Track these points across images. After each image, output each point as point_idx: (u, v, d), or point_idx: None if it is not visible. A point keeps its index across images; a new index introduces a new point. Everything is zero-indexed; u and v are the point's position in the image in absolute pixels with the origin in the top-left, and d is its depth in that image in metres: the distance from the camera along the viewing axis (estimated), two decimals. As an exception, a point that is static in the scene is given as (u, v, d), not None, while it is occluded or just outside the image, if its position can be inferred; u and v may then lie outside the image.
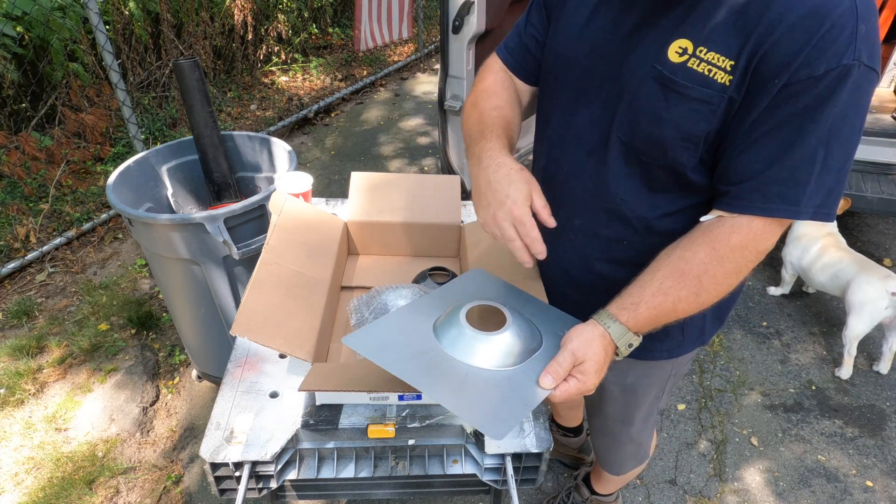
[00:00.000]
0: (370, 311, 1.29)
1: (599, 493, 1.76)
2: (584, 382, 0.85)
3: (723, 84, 0.80)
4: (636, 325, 0.87)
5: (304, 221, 1.38)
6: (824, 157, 0.78)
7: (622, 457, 1.47)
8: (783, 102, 0.77)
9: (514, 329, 0.95)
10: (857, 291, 2.26)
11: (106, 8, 3.84)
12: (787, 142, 0.78)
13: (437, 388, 0.87)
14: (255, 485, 1.04)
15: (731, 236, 0.83)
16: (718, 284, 0.85)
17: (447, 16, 2.44)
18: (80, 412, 2.20)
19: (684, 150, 0.87)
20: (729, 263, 0.84)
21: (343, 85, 5.10)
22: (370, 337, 0.97)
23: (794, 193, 0.80)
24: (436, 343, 0.95)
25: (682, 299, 0.86)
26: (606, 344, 0.87)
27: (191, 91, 1.90)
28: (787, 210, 0.80)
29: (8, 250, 2.95)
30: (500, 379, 0.90)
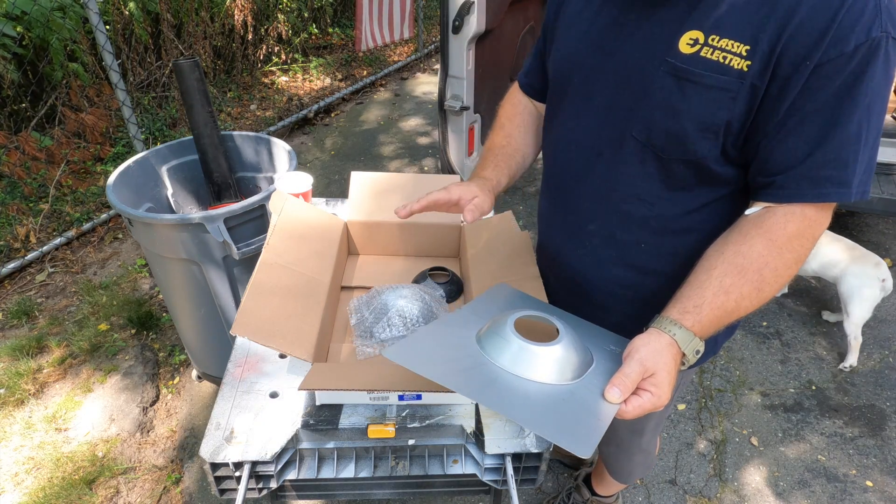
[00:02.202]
0: (370, 311, 1.29)
1: (600, 494, 1.77)
2: (658, 396, 0.79)
3: (740, 70, 0.78)
4: (702, 329, 0.83)
5: (304, 221, 1.38)
6: (866, 133, 0.77)
7: (632, 466, 1.46)
8: (819, 83, 0.75)
9: (568, 340, 0.89)
10: (853, 281, 2.33)
11: (106, 8, 3.84)
12: (829, 123, 0.76)
13: (504, 404, 0.80)
14: (255, 485, 1.04)
15: (788, 225, 0.81)
16: (780, 276, 0.82)
17: (447, 16, 2.44)
18: (80, 412, 2.20)
19: (705, 142, 0.84)
20: (788, 253, 0.81)
21: (343, 85, 5.10)
22: (414, 350, 0.90)
23: (844, 175, 0.78)
24: (483, 356, 0.88)
25: (745, 296, 0.83)
26: (675, 353, 0.81)
27: (191, 91, 1.90)
28: (839, 193, 0.78)
29: (8, 250, 2.95)
30: (564, 393, 0.84)
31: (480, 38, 2.54)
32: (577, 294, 1.11)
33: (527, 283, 1.25)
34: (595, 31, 0.94)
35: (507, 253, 1.36)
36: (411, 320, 1.27)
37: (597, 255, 1.05)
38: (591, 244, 1.04)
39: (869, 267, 2.34)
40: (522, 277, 1.27)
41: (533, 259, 1.31)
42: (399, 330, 1.26)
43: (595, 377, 0.86)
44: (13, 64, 3.38)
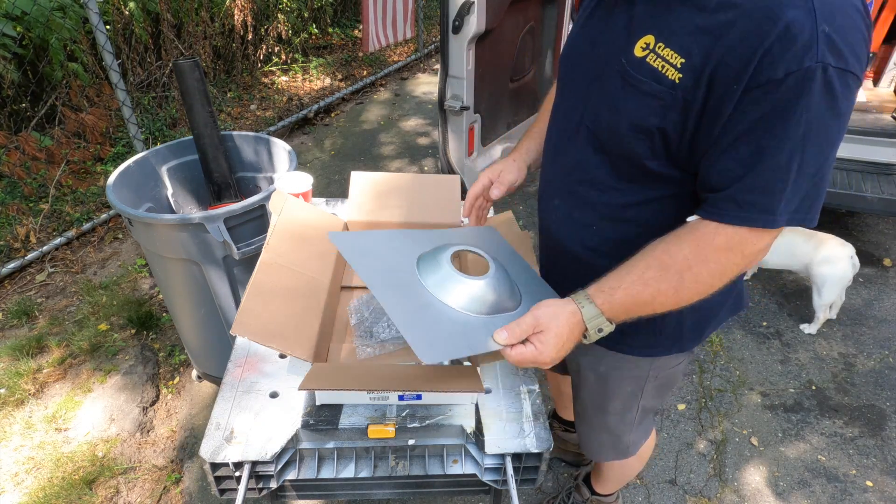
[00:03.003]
0: (370, 311, 1.29)
1: (599, 493, 1.76)
2: (540, 352, 0.87)
3: (672, 81, 0.81)
4: (611, 310, 0.88)
5: (305, 221, 1.38)
6: (800, 164, 0.77)
7: (598, 444, 1.45)
8: (748, 107, 0.76)
9: (492, 282, 0.98)
10: (824, 264, 2.40)
11: (106, 8, 3.84)
12: (758, 148, 0.77)
13: (393, 303, 0.90)
14: (255, 485, 1.04)
15: (716, 238, 0.83)
16: (700, 283, 0.86)
17: (447, 16, 2.44)
18: (80, 412, 2.20)
19: (638, 142, 0.88)
20: (713, 264, 0.84)
21: (343, 85, 5.10)
22: (356, 241, 1.02)
23: (769, 202, 0.79)
24: (414, 269, 0.99)
25: (662, 292, 0.86)
26: (575, 323, 0.88)
27: (191, 91, 1.90)
28: (763, 219, 0.80)
29: (8, 250, 2.95)
30: (459, 319, 0.93)
31: (480, 38, 2.54)
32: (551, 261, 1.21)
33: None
34: (591, 21, 0.99)
35: (507, 253, 1.36)
36: (411, 320, 1.27)
37: (560, 228, 1.12)
38: (557, 217, 1.11)
39: (836, 248, 2.40)
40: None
41: (533, 259, 1.31)
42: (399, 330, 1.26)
43: (503, 321, 0.93)
44: (13, 64, 3.38)
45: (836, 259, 2.39)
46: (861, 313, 2.71)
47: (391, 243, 1.06)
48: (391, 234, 1.10)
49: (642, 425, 1.41)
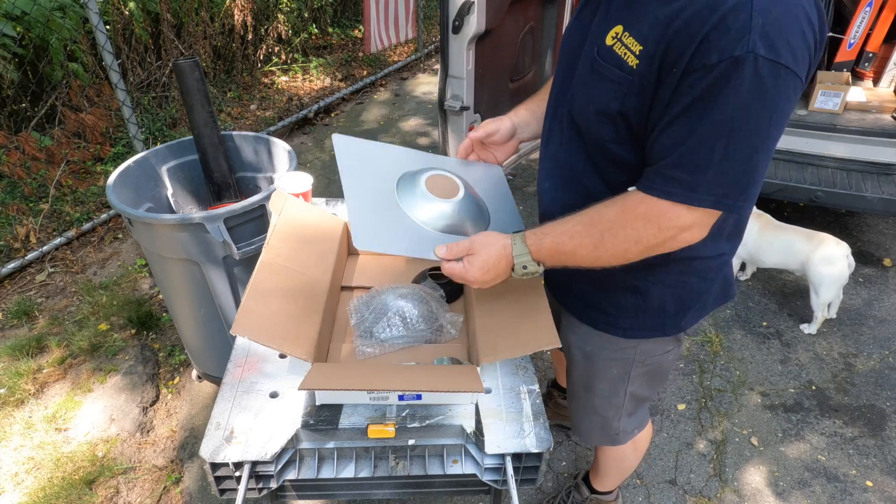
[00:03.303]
0: (370, 311, 1.29)
1: (598, 490, 1.77)
2: (466, 270, 1.01)
3: (631, 67, 0.87)
4: (538, 252, 1.00)
5: (305, 221, 1.38)
6: (725, 147, 0.81)
7: (587, 425, 1.46)
8: (684, 91, 0.81)
9: (455, 205, 1.10)
10: (821, 263, 2.40)
11: (106, 8, 3.84)
12: (689, 129, 0.82)
13: (354, 196, 1.04)
14: (255, 485, 1.04)
15: (639, 206, 0.90)
16: (617, 245, 0.93)
17: (447, 16, 2.43)
18: (80, 412, 2.20)
19: (602, 126, 0.96)
20: (630, 229, 0.91)
21: (343, 85, 5.10)
22: (355, 147, 1.15)
23: (691, 180, 0.84)
24: (394, 182, 1.13)
25: (583, 246, 0.95)
26: (504, 255, 1.01)
27: (191, 91, 1.90)
28: (685, 195, 0.85)
29: (8, 250, 2.95)
30: (413, 227, 1.06)
31: (480, 38, 2.54)
32: None
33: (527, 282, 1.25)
34: (581, 13, 1.05)
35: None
36: (411, 320, 1.27)
37: (550, 208, 1.17)
38: (549, 198, 1.17)
39: (832, 248, 2.40)
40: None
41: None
42: (399, 330, 1.26)
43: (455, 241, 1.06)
44: (13, 64, 3.38)
45: (833, 259, 2.39)
46: (861, 313, 2.71)
47: (386, 157, 1.16)
48: (392, 149, 1.20)
49: (634, 416, 1.42)
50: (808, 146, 2.75)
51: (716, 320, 2.68)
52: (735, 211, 0.86)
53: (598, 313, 1.19)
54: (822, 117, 2.77)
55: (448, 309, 1.37)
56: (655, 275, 1.10)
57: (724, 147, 0.81)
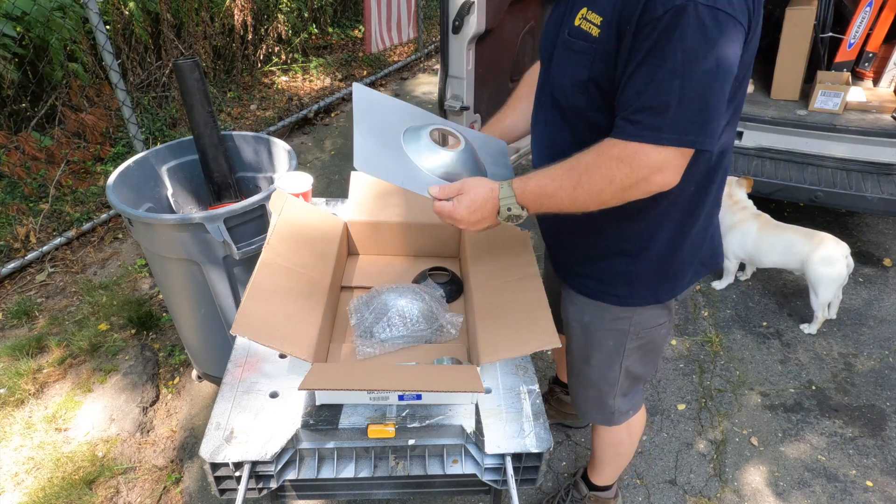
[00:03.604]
0: (370, 311, 1.29)
1: (597, 485, 1.78)
2: (454, 209, 1.08)
3: (595, 37, 0.99)
4: (522, 195, 1.07)
5: (305, 221, 1.38)
6: (680, 88, 0.90)
7: (584, 400, 1.52)
8: (639, 45, 0.92)
9: (455, 156, 1.19)
10: (820, 263, 2.41)
11: (106, 8, 3.84)
12: (648, 77, 0.92)
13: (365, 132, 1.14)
14: (255, 485, 1.04)
15: (612, 148, 0.98)
16: (592, 185, 1.00)
17: (447, 16, 2.43)
18: (80, 412, 2.20)
19: (579, 96, 1.06)
20: (605, 170, 0.99)
21: (343, 85, 5.10)
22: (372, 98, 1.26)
23: (654, 120, 0.93)
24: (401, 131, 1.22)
25: (562, 188, 1.03)
26: (491, 197, 1.08)
27: (191, 91, 1.90)
28: (651, 135, 0.94)
29: (8, 250, 2.95)
30: (411, 166, 1.16)
31: (480, 38, 2.54)
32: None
33: (527, 282, 1.25)
34: (556, 7, 1.16)
35: (507, 253, 1.36)
36: (411, 320, 1.27)
37: None
38: None
39: (832, 247, 2.41)
40: (522, 277, 1.27)
41: (533, 259, 1.31)
42: (399, 330, 1.26)
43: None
44: (13, 64, 3.38)
45: (833, 259, 2.40)
46: (861, 313, 2.71)
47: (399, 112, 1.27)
48: (406, 106, 1.31)
49: (629, 396, 1.48)
50: (808, 146, 2.75)
51: (716, 320, 2.68)
52: (698, 146, 0.94)
53: (594, 282, 1.27)
54: (822, 117, 2.77)
55: (448, 309, 1.37)
56: (645, 241, 1.17)
57: (680, 88, 0.90)
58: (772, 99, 3.00)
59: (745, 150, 2.85)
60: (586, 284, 1.30)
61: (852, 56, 2.99)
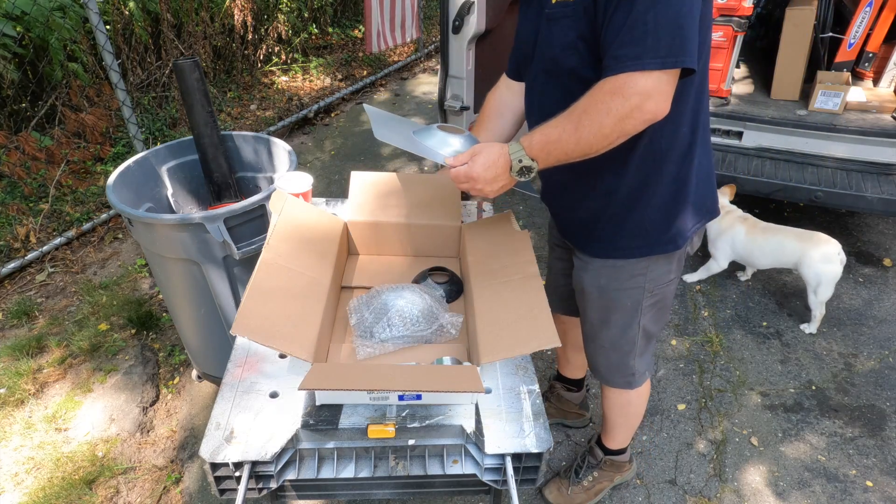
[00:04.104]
0: (370, 311, 1.29)
1: (611, 448, 1.85)
2: (471, 168, 1.17)
3: (571, 2, 1.11)
4: (530, 147, 1.15)
5: (305, 221, 1.38)
6: (655, 17, 1.00)
7: (607, 364, 1.59)
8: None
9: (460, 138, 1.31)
10: (814, 264, 2.46)
11: (106, 8, 3.84)
12: (623, 15, 1.02)
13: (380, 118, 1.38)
14: (255, 485, 1.04)
15: (604, 84, 1.06)
16: (592, 122, 1.07)
17: (447, 16, 2.43)
18: (80, 412, 2.20)
19: (570, 56, 1.16)
20: (601, 104, 1.06)
21: (343, 85, 5.10)
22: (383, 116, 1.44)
23: (636, 50, 1.02)
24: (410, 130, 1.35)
25: (566, 131, 1.10)
26: (502, 153, 1.17)
27: (191, 91, 1.90)
28: (635, 63, 1.02)
29: (8, 250, 2.95)
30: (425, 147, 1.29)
31: (480, 38, 2.54)
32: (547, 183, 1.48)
33: (527, 282, 1.25)
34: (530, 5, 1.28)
35: (507, 253, 1.36)
36: (411, 320, 1.27)
37: None
38: None
39: (825, 246, 2.45)
40: (522, 277, 1.27)
41: (533, 259, 1.31)
42: (399, 330, 1.26)
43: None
44: (13, 64, 3.38)
45: (829, 257, 2.44)
46: (861, 313, 2.71)
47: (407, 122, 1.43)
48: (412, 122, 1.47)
49: (644, 356, 1.57)
50: (808, 146, 2.75)
51: (716, 320, 2.68)
52: (679, 65, 1.02)
53: (606, 244, 1.35)
54: (822, 117, 2.77)
55: (448, 309, 1.37)
56: (649, 189, 1.26)
57: (654, 17, 1.00)
58: (772, 99, 3.00)
59: (745, 150, 2.85)
60: (600, 247, 1.37)
61: (852, 56, 2.99)
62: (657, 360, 2.46)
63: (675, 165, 1.25)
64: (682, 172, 1.26)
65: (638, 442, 2.12)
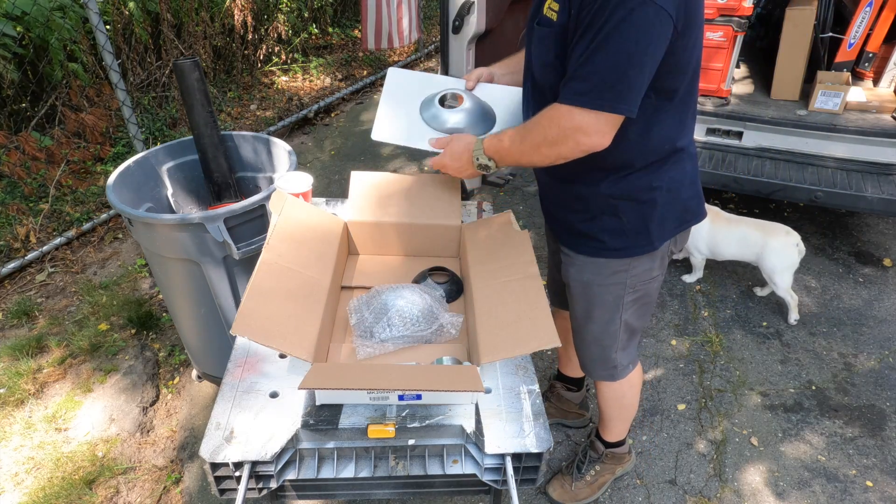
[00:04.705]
0: (370, 311, 1.29)
1: (609, 441, 1.88)
2: (441, 157, 1.39)
3: (554, 21, 1.14)
4: (487, 147, 1.30)
5: (304, 221, 1.38)
6: (604, 60, 1.05)
7: (589, 358, 1.64)
8: (580, 24, 1.07)
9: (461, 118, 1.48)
10: (773, 254, 2.55)
11: (106, 8, 3.84)
12: (580, 50, 1.07)
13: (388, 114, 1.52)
14: (255, 485, 1.04)
15: (549, 110, 1.15)
16: (533, 141, 1.19)
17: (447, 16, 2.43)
18: (80, 412, 2.20)
19: (549, 74, 1.20)
20: (541, 128, 1.17)
21: (343, 85, 5.10)
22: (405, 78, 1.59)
23: (581, 86, 1.08)
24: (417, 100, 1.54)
25: (513, 142, 1.23)
26: (467, 149, 1.33)
27: (191, 91, 1.90)
28: (576, 98, 1.09)
29: (8, 250, 2.95)
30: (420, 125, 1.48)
31: (480, 38, 2.54)
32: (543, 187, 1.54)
33: (527, 282, 1.25)
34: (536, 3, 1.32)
35: (507, 253, 1.36)
36: (411, 320, 1.27)
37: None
38: None
39: (783, 237, 2.54)
40: (522, 277, 1.27)
41: (533, 259, 1.31)
42: (399, 330, 1.26)
43: None
44: (13, 64, 3.38)
45: (784, 247, 2.53)
46: (861, 313, 2.71)
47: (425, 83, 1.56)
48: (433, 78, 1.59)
49: (627, 350, 1.60)
50: (808, 146, 2.75)
51: (716, 320, 2.68)
52: (613, 111, 1.08)
53: (590, 240, 1.39)
54: (822, 117, 2.77)
55: (448, 309, 1.37)
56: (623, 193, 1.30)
57: (603, 60, 1.05)
58: (772, 99, 3.00)
59: (745, 150, 2.85)
60: (584, 244, 1.42)
61: (852, 56, 2.99)
62: (657, 361, 2.46)
63: (652, 176, 1.29)
64: (659, 181, 1.30)
65: (638, 442, 2.12)
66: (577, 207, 1.38)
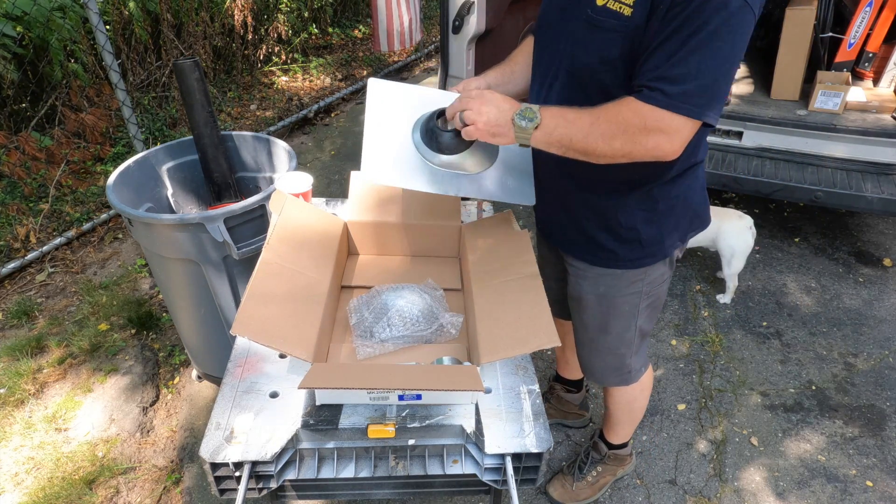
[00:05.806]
0: (370, 311, 1.29)
1: (614, 443, 1.87)
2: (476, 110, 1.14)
3: (627, 16, 1.05)
4: (544, 107, 1.12)
5: (304, 221, 1.38)
6: (698, 65, 0.99)
7: (602, 366, 1.60)
8: (668, 22, 1.00)
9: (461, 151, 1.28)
10: (728, 238, 2.60)
11: (106, 8, 3.84)
12: (670, 50, 1.00)
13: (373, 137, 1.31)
14: (255, 485, 1.04)
15: (632, 103, 1.05)
16: (608, 127, 1.06)
17: (447, 16, 2.43)
18: (80, 412, 2.20)
19: (605, 73, 1.12)
20: (622, 117, 1.05)
21: (343, 85, 5.10)
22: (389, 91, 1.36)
23: (672, 89, 1.01)
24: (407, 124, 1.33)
25: (581, 118, 1.09)
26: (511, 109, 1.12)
27: (191, 91, 1.90)
28: (666, 101, 1.01)
29: (8, 250, 2.95)
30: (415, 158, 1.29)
31: (480, 38, 2.54)
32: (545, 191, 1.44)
33: (527, 282, 1.25)
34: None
35: (507, 253, 1.36)
36: (411, 320, 1.27)
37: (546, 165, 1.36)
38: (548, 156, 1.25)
39: (736, 221, 2.59)
40: (522, 276, 1.27)
41: (533, 259, 1.31)
42: (399, 330, 1.26)
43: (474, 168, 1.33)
44: (13, 64, 3.38)
45: (738, 231, 2.58)
46: (861, 313, 2.71)
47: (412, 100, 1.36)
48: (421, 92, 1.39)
49: (640, 353, 1.58)
50: (808, 146, 2.75)
51: (716, 320, 2.68)
52: (704, 118, 1.03)
53: (607, 253, 1.36)
54: (822, 117, 2.77)
55: (448, 309, 1.37)
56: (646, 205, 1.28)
57: (697, 64, 0.99)
58: (772, 99, 3.00)
59: (745, 150, 2.85)
60: (600, 256, 1.38)
61: (852, 56, 2.99)
62: (657, 361, 2.46)
63: (672, 187, 1.28)
64: (677, 191, 1.29)
65: (638, 442, 2.12)
66: (596, 219, 1.34)
